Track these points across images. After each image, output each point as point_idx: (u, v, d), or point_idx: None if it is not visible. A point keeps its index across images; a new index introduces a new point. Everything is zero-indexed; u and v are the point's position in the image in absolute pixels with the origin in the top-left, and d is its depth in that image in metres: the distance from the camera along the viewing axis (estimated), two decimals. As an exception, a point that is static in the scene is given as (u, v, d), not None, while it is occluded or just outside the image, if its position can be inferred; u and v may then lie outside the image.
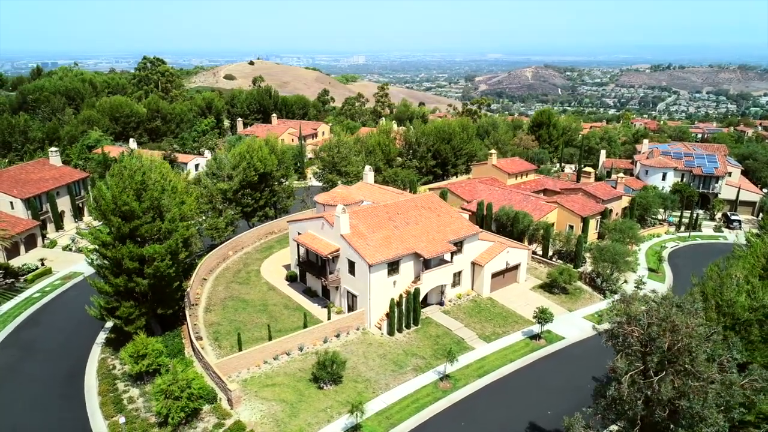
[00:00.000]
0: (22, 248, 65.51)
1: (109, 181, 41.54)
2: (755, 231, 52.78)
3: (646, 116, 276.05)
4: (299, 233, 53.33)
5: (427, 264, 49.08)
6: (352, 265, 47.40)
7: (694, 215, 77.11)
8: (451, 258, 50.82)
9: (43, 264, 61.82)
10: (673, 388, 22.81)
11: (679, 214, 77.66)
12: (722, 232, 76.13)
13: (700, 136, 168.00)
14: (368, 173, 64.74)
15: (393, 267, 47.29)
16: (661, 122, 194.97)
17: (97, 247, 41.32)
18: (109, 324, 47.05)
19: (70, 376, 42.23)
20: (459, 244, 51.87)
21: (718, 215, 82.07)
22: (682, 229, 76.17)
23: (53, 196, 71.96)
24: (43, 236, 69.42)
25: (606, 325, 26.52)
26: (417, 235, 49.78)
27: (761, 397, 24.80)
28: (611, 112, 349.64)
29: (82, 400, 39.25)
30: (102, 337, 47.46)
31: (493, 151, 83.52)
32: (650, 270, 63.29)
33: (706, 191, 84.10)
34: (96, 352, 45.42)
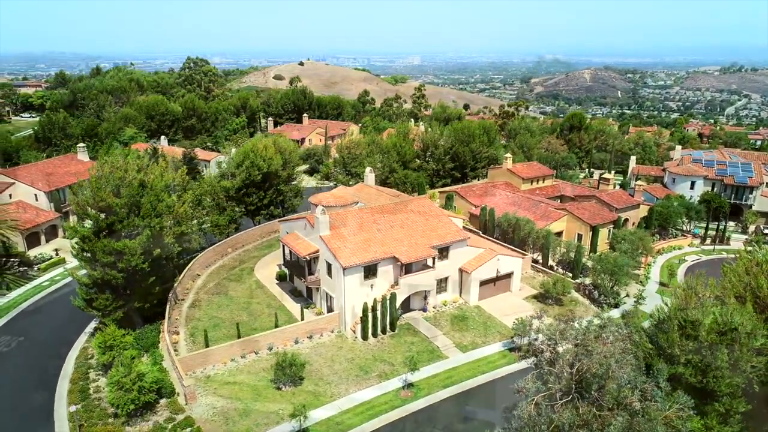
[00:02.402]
0: (43, 238, 69.14)
1: (91, 177, 43.13)
2: (748, 247, 48.63)
3: (712, 121, 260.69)
4: (287, 233, 53.58)
5: (407, 269, 48.13)
6: (329, 267, 47.12)
7: (723, 227, 72.12)
8: (433, 263, 49.58)
9: (57, 254, 65.01)
10: (577, 416, 21.22)
11: (705, 225, 72.85)
12: (753, 246, 70.60)
13: (759, 142, 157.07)
14: (369, 175, 64.30)
15: (370, 270, 46.63)
16: (717, 127, 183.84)
17: (77, 240, 42.95)
18: (101, 314, 48.80)
19: (53, 362, 44.00)
20: (445, 250, 50.57)
21: (751, 228, 76.29)
22: (708, 241, 71.39)
23: (76, 189, 75.45)
24: (64, 228, 72.92)
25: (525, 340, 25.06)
26: (399, 239, 48.88)
27: (687, 426, 22.67)
28: (674, 116, 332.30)
29: (55, 387, 40.89)
30: (92, 326, 49.30)
31: (507, 154, 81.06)
32: (661, 284, 59.63)
33: (738, 202, 78.36)
34: (82, 341, 47.25)
